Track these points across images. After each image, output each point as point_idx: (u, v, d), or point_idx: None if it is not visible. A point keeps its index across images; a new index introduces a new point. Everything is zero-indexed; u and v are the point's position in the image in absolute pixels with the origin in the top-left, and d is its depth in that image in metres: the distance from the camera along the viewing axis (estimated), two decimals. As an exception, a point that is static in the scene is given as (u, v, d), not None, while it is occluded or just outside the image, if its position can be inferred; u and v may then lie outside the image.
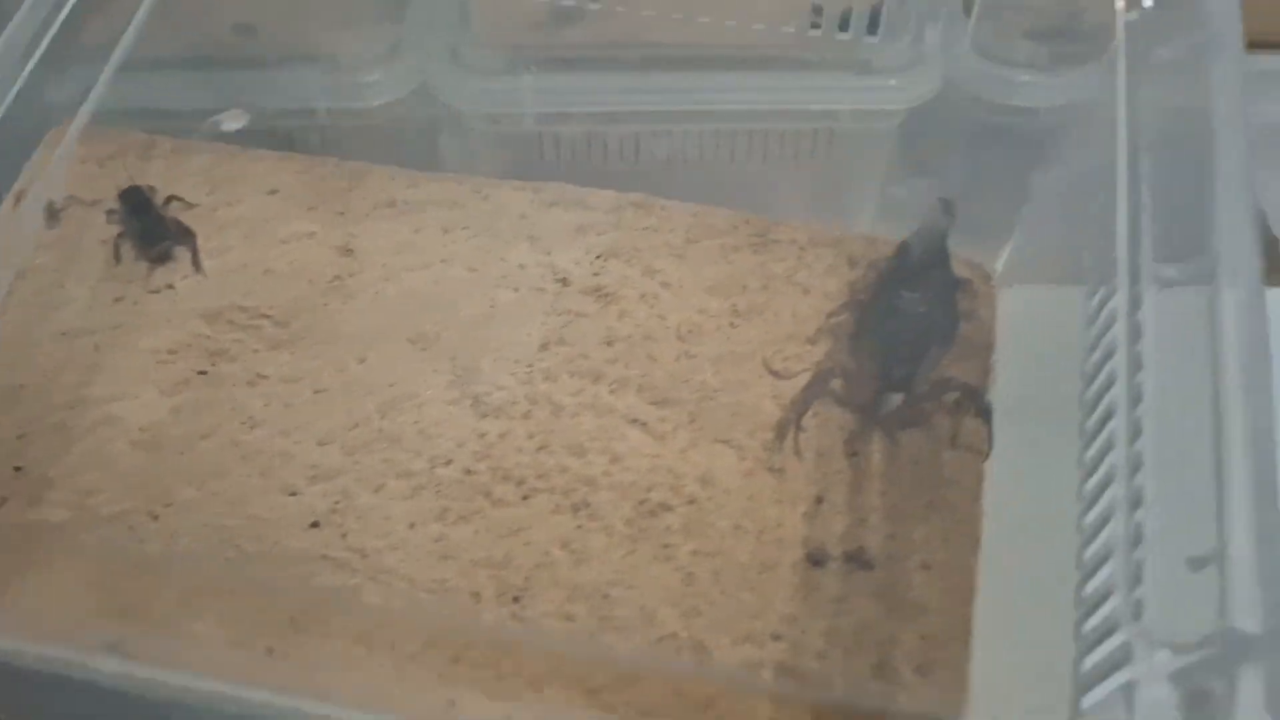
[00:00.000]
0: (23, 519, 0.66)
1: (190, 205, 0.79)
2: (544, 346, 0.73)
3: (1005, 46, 0.75)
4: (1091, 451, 0.55)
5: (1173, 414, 0.50)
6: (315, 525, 0.66)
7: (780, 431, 0.69)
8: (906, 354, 0.68)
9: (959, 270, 0.74)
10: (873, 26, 0.76)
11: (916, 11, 0.76)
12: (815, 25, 0.77)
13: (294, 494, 0.67)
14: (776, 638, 0.63)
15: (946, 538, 0.66)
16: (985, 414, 0.67)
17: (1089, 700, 0.49)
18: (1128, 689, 0.46)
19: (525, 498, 0.67)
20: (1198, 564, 0.43)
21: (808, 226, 0.77)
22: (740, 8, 0.75)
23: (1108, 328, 0.55)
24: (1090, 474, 0.55)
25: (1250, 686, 0.40)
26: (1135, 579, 0.46)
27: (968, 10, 0.76)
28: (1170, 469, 0.49)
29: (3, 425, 0.70)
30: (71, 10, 0.71)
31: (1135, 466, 0.49)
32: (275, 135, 0.84)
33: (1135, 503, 0.48)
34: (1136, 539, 0.47)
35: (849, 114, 0.77)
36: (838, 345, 0.72)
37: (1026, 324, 0.71)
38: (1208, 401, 0.48)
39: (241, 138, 0.82)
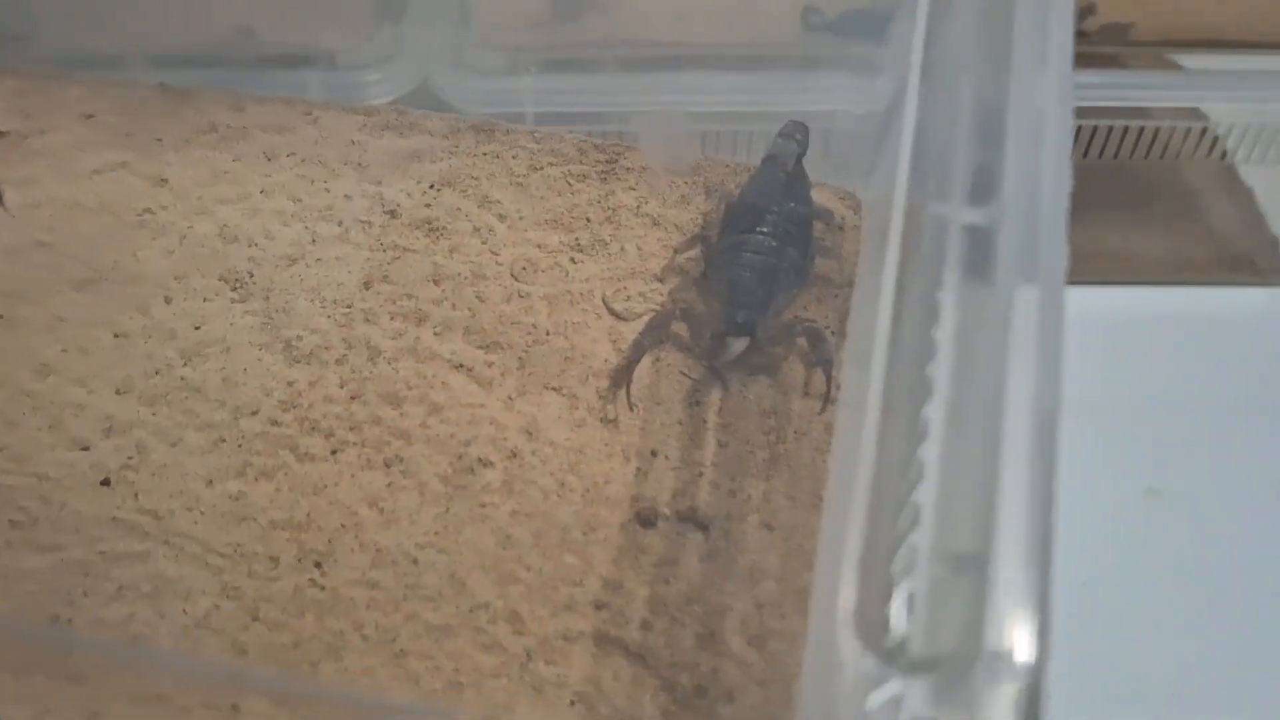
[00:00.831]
0: None
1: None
2: (366, 285, 0.67)
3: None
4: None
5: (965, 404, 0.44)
6: (106, 483, 0.61)
7: (615, 379, 0.63)
8: (752, 294, 0.62)
9: (824, 200, 0.67)
10: (871, 27, 0.74)
11: (914, 11, 0.72)
12: (813, 26, 0.76)
13: (85, 448, 0.62)
14: (599, 606, 0.58)
15: (790, 495, 0.61)
16: (825, 363, 0.61)
17: (872, 702, 0.43)
18: (895, 701, 0.41)
19: (334, 452, 0.62)
20: (962, 565, 0.38)
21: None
22: (740, 8, 0.75)
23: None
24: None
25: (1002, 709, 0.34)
26: (906, 573, 0.40)
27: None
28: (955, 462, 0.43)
29: None
30: None
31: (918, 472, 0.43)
32: None
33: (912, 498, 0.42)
34: (913, 523, 0.41)
35: (848, 114, 0.75)
36: (686, 283, 0.66)
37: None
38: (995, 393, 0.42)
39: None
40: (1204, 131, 0.81)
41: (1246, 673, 0.65)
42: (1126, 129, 0.80)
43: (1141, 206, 0.85)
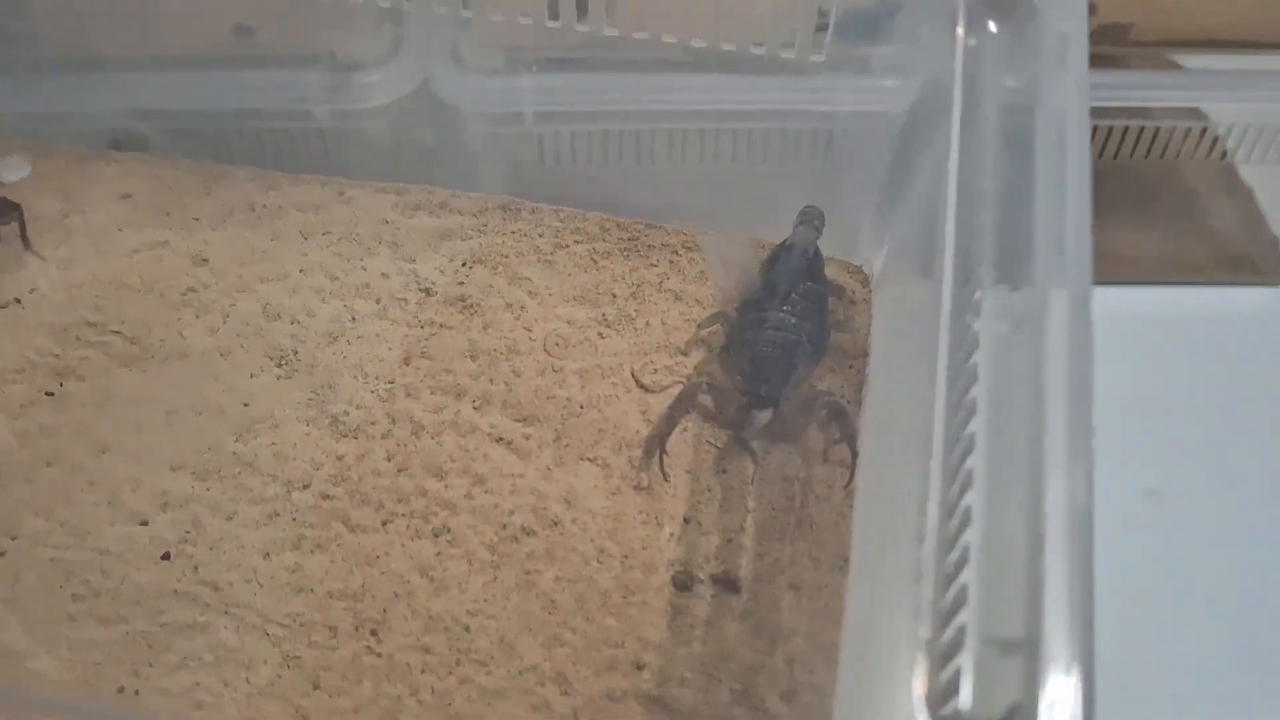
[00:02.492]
0: None
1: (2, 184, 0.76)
2: (405, 361, 0.70)
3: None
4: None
5: (1002, 444, 0.49)
6: (166, 557, 0.64)
7: (648, 449, 0.67)
8: (775, 369, 0.66)
9: (834, 274, 0.72)
10: (870, 28, 0.74)
11: (913, 12, 0.73)
12: (815, 26, 0.74)
13: (144, 523, 0.65)
14: (640, 666, 0.62)
15: (815, 557, 0.65)
16: (850, 437, 0.65)
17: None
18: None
19: (384, 523, 0.65)
20: (1008, 648, 0.42)
21: (681, 230, 0.75)
22: (739, 9, 0.74)
23: (953, 338, 0.53)
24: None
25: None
26: (949, 656, 0.45)
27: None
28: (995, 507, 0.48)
29: None
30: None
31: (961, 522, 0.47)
32: (275, 136, 0.82)
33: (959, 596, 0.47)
34: (957, 606, 0.46)
35: (847, 115, 0.76)
36: (709, 357, 0.71)
37: (901, 327, 0.69)
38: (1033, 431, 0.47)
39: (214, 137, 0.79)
40: (1204, 131, 0.81)
41: (1246, 672, 0.67)
42: (1126, 129, 0.80)
43: (1141, 206, 0.85)
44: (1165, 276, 0.84)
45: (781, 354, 0.67)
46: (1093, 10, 0.80)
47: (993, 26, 0.57)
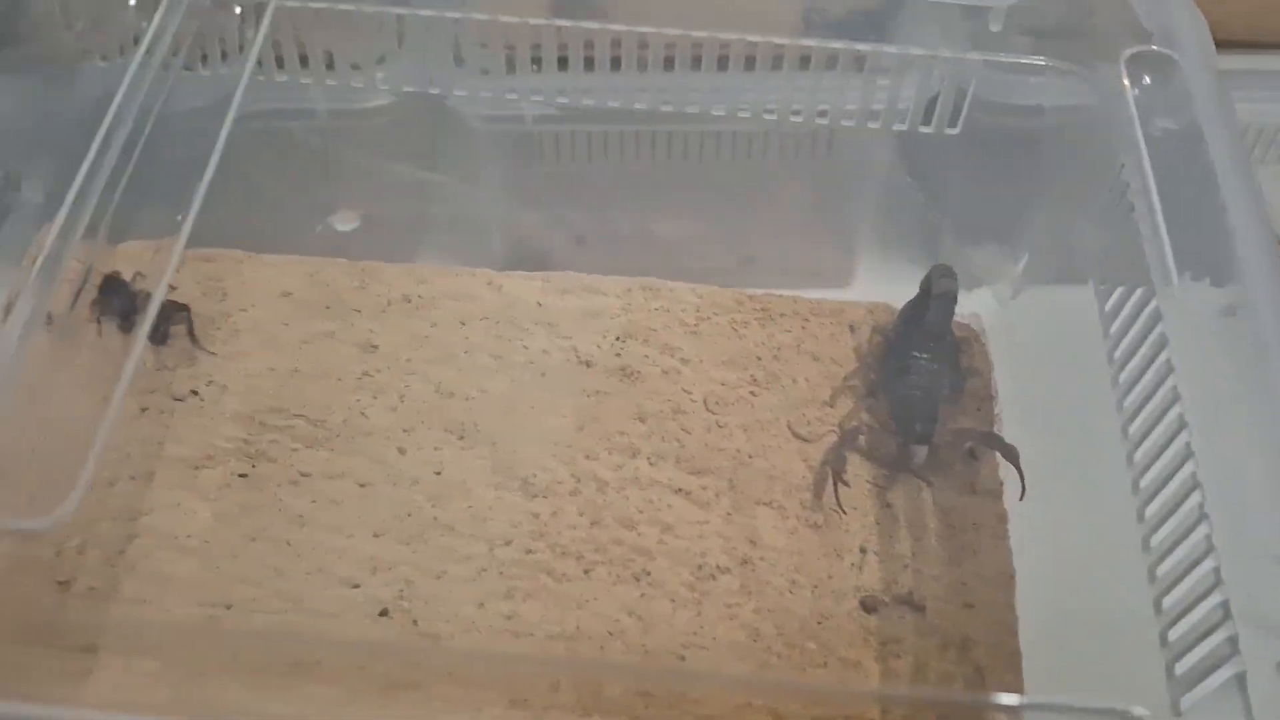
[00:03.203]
0: (74, 640, 0.66)
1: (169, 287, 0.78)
2: (580, 427, 0.75)
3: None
4: (1141, 451, 0.61)
5: (1223, 418, 0.56)
6: (384, 614, 0.67)
7: (818, 489, 0.73)
8: (923, 409, 0.74)
9: (956, 331, 0.80)
10: (872, 27, 0.77)
11: (916, 12, 0.77)
12: (815, 25, 0.78)
13: (356, 586, 0.68)
14: (843, 683, 0.67)
15: (981, 576, 0.71)
16: (1011, 455, 0.72)
17: (1189, 700, 0.53)
18: (1239, 681, 0.51)
19: (586, 571, 0.70)
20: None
21: (808, 300, 0.83)
22: (740, 8, 0.77)
23: (1134, 329, 0.61)
24: (1142, 474, 0.60)
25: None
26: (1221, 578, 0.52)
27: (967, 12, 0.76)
28: (1232, 468, 0.55)
29: (42, 544, 0.68)
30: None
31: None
32: (276, 136, 0.83)
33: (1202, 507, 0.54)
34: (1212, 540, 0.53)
35: (849, 115, 0.78)
36: (856, 405, 0.77)
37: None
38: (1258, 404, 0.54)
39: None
40: (1204, 131, 0.80)
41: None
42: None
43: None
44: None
45: (926, 395, 0.74)
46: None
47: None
